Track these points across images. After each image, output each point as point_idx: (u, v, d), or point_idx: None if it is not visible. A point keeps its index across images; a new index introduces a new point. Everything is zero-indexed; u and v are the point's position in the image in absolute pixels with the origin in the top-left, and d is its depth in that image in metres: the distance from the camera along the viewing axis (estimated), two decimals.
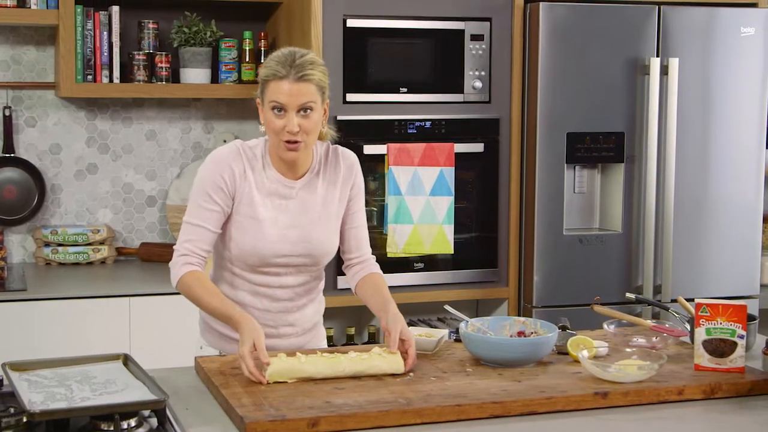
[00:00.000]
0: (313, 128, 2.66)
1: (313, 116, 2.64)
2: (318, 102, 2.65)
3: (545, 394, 2.38)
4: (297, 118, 2.62)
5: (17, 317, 3.76)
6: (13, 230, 4.39)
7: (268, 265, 2.75)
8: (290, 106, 2.61)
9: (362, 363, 2.53)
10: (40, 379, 2.39)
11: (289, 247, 2.74)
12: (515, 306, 4.32)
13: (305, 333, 2.88)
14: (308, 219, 2.76)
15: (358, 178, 2.86)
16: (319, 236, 2.77)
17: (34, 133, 4.38)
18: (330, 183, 2.80)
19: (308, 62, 2.63)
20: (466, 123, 4.19)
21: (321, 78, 2.65)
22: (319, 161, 2.80)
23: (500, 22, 4.20)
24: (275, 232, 2.72)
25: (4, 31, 4.30)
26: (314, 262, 2.80)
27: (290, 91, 2.60)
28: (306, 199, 2.77)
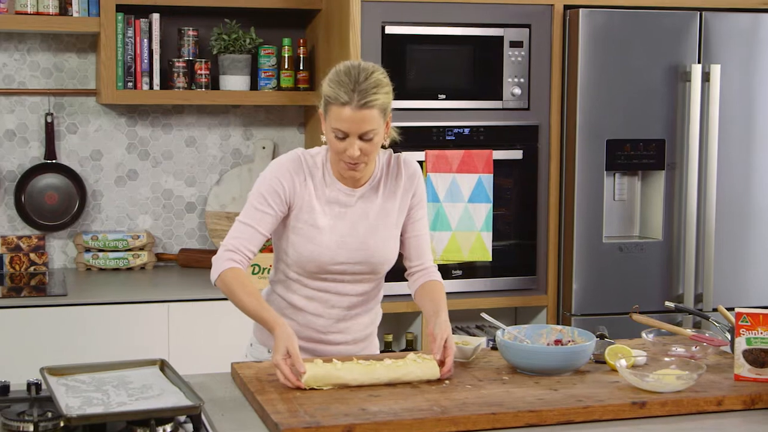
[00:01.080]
0: (374, 150, 2.66)
1: (375, 140, 2.63)
2: (378, 125, 2.62)
3: (582, 403, 2.36)
4: (359, 142, 2.61)
5: (58, 322, 3.79)
6: (55, 236, 4.43)
7: (326, 272, 2.75)
8: (352, 133, 2.60)
9: (398, 370, 2.52)
10: (78, 383, 2.40)
11: (346, 255, 2.74)
12: (554, 314, 4.30)
13: (356, 343, 2.87)
14: (367, 227, 2.76)
15: (420, 188, 2.84)
16: (377, 244, 2.76)
17: (75, 139, 4.42)
18: (390, 192, 2.79)
19: (372, 86, 2.59)
20: (504, 130, 4.17)
21: (384, 101, 2.62)
22: (381, 170, 2.80)
23: (539, 29, 4.18)
24: (334, 240, 2.73)
25: (47, 38, 4.35)
26: (372, 270, 2.79)
27: (352, 118, 2.58)
28: (365, 208, 2.77)
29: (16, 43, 4.33)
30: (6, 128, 4.35)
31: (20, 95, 4.35)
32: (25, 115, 4.36)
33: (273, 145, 4.58)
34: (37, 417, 2.19)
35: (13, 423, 2.18)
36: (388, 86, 2.66)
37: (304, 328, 2.79)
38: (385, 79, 2.66)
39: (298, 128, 4.65)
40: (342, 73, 2.63)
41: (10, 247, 4.32)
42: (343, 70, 2.63)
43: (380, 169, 2.80)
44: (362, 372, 2.50)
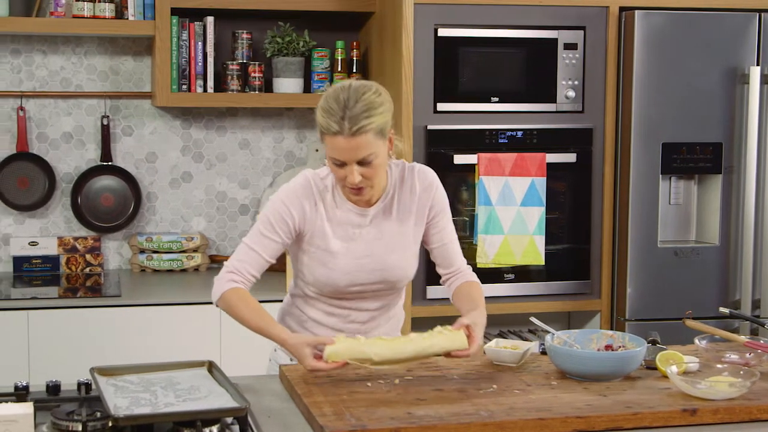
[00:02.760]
0: (377, 173, 2.59)
1: (375, 162, 2.56)
2: (377, 148, 2.55)
3: (632, 409, 2.33)
4: (358, 168, 2.55)
5: (111, 322, 3.83)
6: (110, 237, 4.48)
7: (344, 293, 2.73)
8: (349, 161, 2.54)
9: (422, 342, 2.49)
10: (127, 384, 2.42)
11: (364, 276, 2.71)
12: (608, 319, 4.25)
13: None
14: (383, 246, 2.72)
15: (438, 197, 2.78)
16: (395, 263, 2.73)
17: (130, 141, 4.46)
18: (405, 208, 2.74)
19: (362, 111, 2.51)
20: (558, 133, 4.14)
21: (379, 122, 2.53)
22: (394, 185, 2.74)
23: (594, 31, 4.14)
24: (349, 263, 2.69)
25: (103, 42, 4.40)
26: (391, 287, 2.77)
27: (346, 147, 2.51)
28: (380, 227, 2.72)
29: (73, 46, 4.38)
30: (63, 131, 4.40)
31: (77, 98, 4.40)
32: (82, 118, 4.41)
33: None
34: (85, 417, 2.21)
35: (62, 422, 2.21)
36: (384, 105, 2.57)
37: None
38: (379, 98, 2.56)
39: None
40: (331, 99, 2.54)
41: (66, 248, 4.38)
42: (332, 96, 2.55)
43: (393, 185, 2.73)
44: (385, 346, 2.48)
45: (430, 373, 2.62)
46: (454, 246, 2.84)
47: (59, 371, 3.06)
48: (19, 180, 4.34)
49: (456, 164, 4.03)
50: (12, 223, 4.38)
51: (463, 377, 2.59)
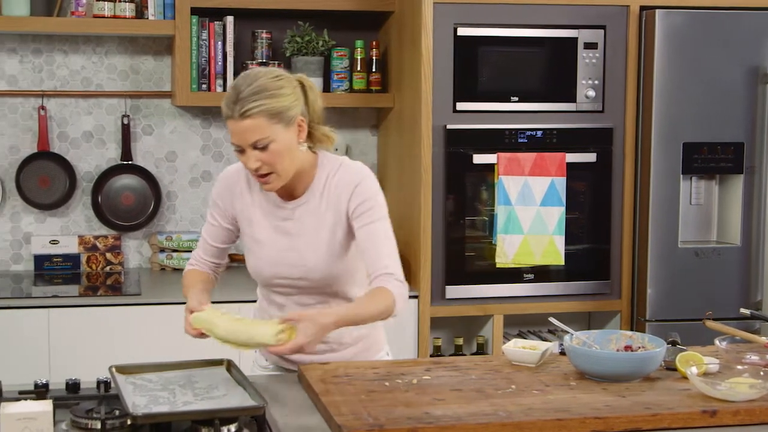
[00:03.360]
0: (278, 159, 2.53)
1: (272, 148, 2.51)
2: (275, 131, 2.50)
3: (651, 410, 2.32)
4: (255, 153, 2.52)
5: (131, 321, 3.84)
6: (130, 236, 4.49)
7: (273, 285, 2.73)
8: (243, 145, 2.52)
9: (250, 329, 2.45)
10: (145, 382, 2.43)
11: (287, 270, 2.68)
12: (628, 319, 4.23)
13: (346, 348, 2.77)
14: (304, 242, 2.67)
15: (360, 195, 2.63)
16: (314, 261, 2.66)
17: (151, 140, 4.48)
18: (329, 205, 2.66)
19: (252, 93, 2.49)
20: (578, 132, 4.12)
21: (270, 106, 2.49)
22: (325, 181, 2.67)
23: (615, 30, 4.13)
24: (273, 254, 2.69)
25: (124, 41, 4.41)
26: (318, 285, 2.69)
27: (238, 130, 2.51)
28: (303, 221, 2.67)
29: (93, 46, 4.40)
30: (84, 130, 4.42)
31: (98, 97, 4.42)
32: (103, 117, 4.43)
33: (345, 147, 4.59)
34: (104, 415, 2.21)
35: (82, 420, 2.21)
36: (282, 89, 2.53)
37: None
38: (276, 82, 2.53)
39: (371, 130, 4.65)
40: (231, 86, 2.57)
41: (87, 246, 4.39)
42: (233, 83, 2.56)
43: (323, 180, 2.67)
44: (231, 326, 2.48)
45: (448, 373, 2.62)
46: (375, 248, 2.62)
47: (79, 369, 3.08)
48: (40, 179, 4.36)
49: (475, 164, 4.02)
50: (33, 222, 4.40)
51: (481, 377, 2.58)
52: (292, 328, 2.36)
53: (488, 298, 4.11)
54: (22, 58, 4.35)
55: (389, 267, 2.60)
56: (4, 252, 4.39)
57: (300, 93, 2.59)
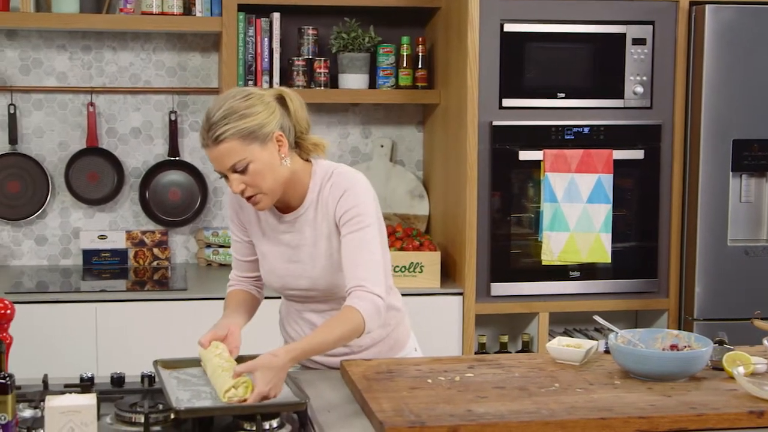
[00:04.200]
0: (260, 179, 2.47)
1: (251, 168, 2.46)
2: (249, 153, 2.45)
3: (696, 410, 2.29)
4: (236, 176, 2.47)
5: (177, 316, 3.86)
6: (177, 231, 4.52)
7: (286, 296, 2.75)
8: (223, 170, 2.48)
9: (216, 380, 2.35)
10: (189, 377, 2.45)
11: (293, 282, 2.67)
12: (675, 318, 4.19)
13: (364, 350, 2.74)
14: (305, 254, 2.64)
15: (346, 203, 2.56)
16: (316, 272, 2.63)
17: (197, 137, 4.48)
18: (323, 214, 2.61)
19: (221, 118, 2.44)
20: (625, 129, 4.09)
21: (241, 127, 2.43)
22: (318, 190, 2.61)
23: (664, 26, 4.09)
24: (278, 267, 2.68)
25: (172, 38, 4.44)
26: (326, 294, 2.66)
27: (214, 156, 2.47)
28: (303, 233, 2.64)
29: (142, 42, 4.43)
30: (132, 126, 4.46)
31: (146, 94, 4.46)
32: (150, 113, 4.46)
33: (391, 143, 4.59)
34: (147, 409, 2.23)
35: (125, 414, 2.23)
36: (252, 107, 2.46)
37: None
38: (245, 102, 2.47)
39: (417, 126, 4.64)
40: (205, 112, 2.51)
41: (134, 242, 4.43)
42: (207, 109, 2.51)
43: (316, 189, 2.61)
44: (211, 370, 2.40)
45: (491, 371, 2.60)
46: (351, 259, 2.53)
47: (125, 363, 3.09)
48: (89, 174, 4.41)
49: (521, 160, 4.00)
50: (82, 217, 4.45)
51: (524, 375, 2.57)
52: (247, 382, 2.27)
53: (534, 295, 4.08)
54: (72, 55, 4.39)
55: (364, 279, 2.50)
56: (53, 247, 4.44)
57: (276, 107, 2.52)
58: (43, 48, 4.37)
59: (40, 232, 4.42)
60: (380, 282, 2.52)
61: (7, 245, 4.41)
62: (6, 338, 2.06)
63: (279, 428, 2.21)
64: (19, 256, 4.42)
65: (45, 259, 4.43)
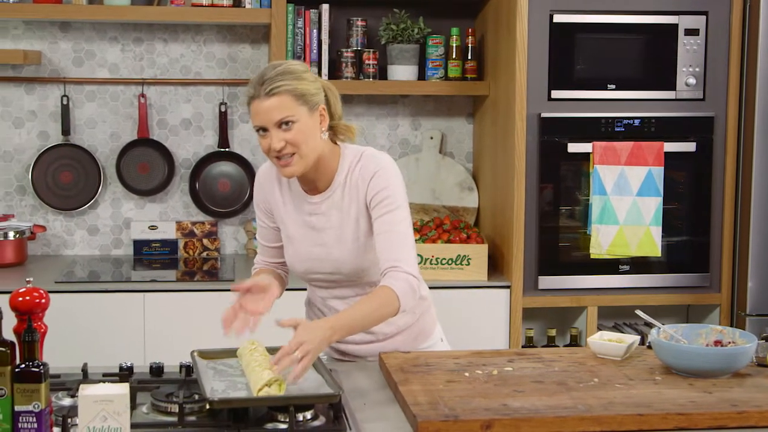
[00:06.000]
0: (303, 139, 2.51)
1: (296, 127, 2.50)
2: (299, 111, 2.50)
3: (737, 408, 2.25)
4: (279, 133, 2.50)
5: (223, 306, 3.84)
6: (227, 222, 4.54)
7: (310, 280, 2.75)
8: (268, 124, 2.51)
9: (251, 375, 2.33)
10: (226, 368, 2.46)
11: (317, 265, 2.68)
12: (727, 313, 4.12)
13: (389, 338, 2.75)
14: (330, 237, 2.66)
15: (378, 184, 2.60)
16: (343, 255, 2.65)
17: (247, 128, 4.52)
18: (351, 198, 2.64)
19: (278, 74, 2.51)
20: (677, 121, 4.02)
21: (295, 86, 2.50)
22: (347, 172, 2.64)
23: (717, 15, 4.01)
24: (303, 251, 2.69)
25: (222, 30, 4.46)
26: (350, 278, 2.68)
27: (263, 109, 2.50)
28: (330, 215, 2.66)
29: (193, 34, 4.46)
30: (183, 117, 4.49)
31: (196, 85, 4.48)
32: (201, 105, 4.49)
33: (441, 135, 4.57)
34: (182, 399, 2.24)
35: (161, 403, 2.25)
36: (305, 74, 2.55)
37: None
38: (301, 68, 2.56)
39: (467, 118, 4.61)
40: (256, 74, 2.57)
41: (184, 232, 4.46)
42: (258, 71, 2.57)
43: (345, 172, 2.64)
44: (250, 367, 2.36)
45: (531, 365, 2.58)
46: (389, 239, 2.56)
47: (172, 353, 3.11)
48: (140, 165, 4.44)
49: (570, 153, 3.96)
50: (133, 208, 4.49)
51: (564, 370, 2.54)
52: (280, 380, 2.27)
53: (582, 289, 4.04)
54: (124, 47, 4.43)
55: (398, 260, 2.54)
56: (105, 237, 4.48)
57: (321, 87, 2.60)
58: (95, 40, 4.42)
59: (92, 222, 4.47)
60: (414, 262, 2.56)
61: (60, 235, 4.46)
62: (40, 327, 2.08)
63: (313, 420, 2.21)
64: (72, 246, 4.47)
65: (97, 249, 4.49)
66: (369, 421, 2.25)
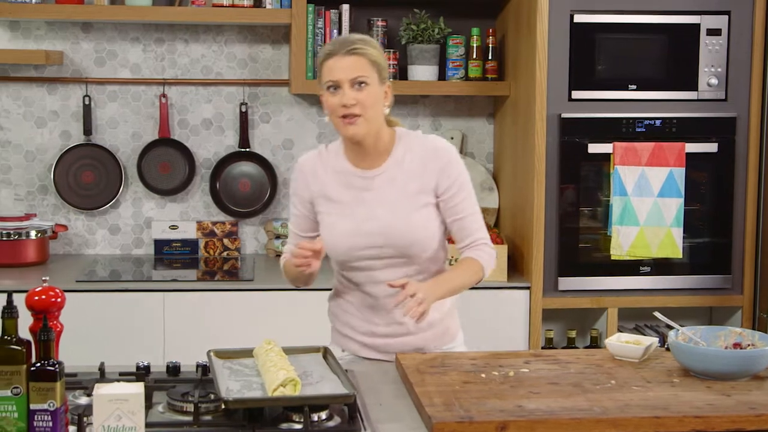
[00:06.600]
0: (372, 103, 2.64)
1: (368, 90, 2.64)
2: (372, 77, 2.65)
3: (755, 411, 2.23)
4: (352, 92, 2.62)
5: (242, 306, 3.89)
6: (247, 222, 4.55)
7: (352, 260, 2.74)
8: (343, 80, 2.63)
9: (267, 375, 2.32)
10: (242, 367, 2.46)
11: (366, 240, 2.70)
12: (749, 315, 4.09)
13: (421, 332, 2.76)
14: (387, 210, 2.71)
15: (451, 173, 2.73)
16: (400, 227, 2.69)
17: (268, 128, 4.53)
18: (412, 174, 2.73)
19: (360, 40, 2.68)
20: (699, 122, 4.00)
21: (373, 53, 2.66)
22: (404, 151, 2.74)
23: (740, 15, 3.99)
24: (351, 226, 2.72)
25: (243, 30, 4.47)
26: (401, 253, 2.71)
27: (341, 65, 2.63)
28: (383, 191, 2.73)
29: (214, 35, 4.47)
30: (203, 117, 4.50)
31: (217, 85, 4.49)
32: (222, 105, 4.50)
33: (461, 135, 4.56)
34: (198, 398, 2.25)
35: (177, 403, 2.25)
36: (380, 48, 2.72)
37: (362, 323, 2.80)
38: (377, 43, 2.73)
39: (487, 118, 4.60)
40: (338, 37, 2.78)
41: (205, 232, 4.47)
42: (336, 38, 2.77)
43: (402, 151, 2.74)
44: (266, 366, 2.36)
45: (547, 366, 2.57)
46: (471, 219, 2.77)
47: (191, 352, 3.12)
48: (161, 165, 4.46)
49: (590, 153, 3.95)
50: (154, 207, 4.51)
51: (581, 371, 2.53)
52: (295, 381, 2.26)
53: (602, 290, 4.02)
54: (145, 47, 4.45)
55: (482, 237, 2.77)
56: (126, 236, 4.50)
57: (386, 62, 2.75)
58: (117, 40, 4.43)
59: (113, 221, 4.49)
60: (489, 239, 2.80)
61: (81, 234, 4.48)
62: (56, 326, 2.09)
63: (327, 420, 2.21)
64: (93, 245, 4.49)
65: (118, 249, 4.50)
66: (384, 422, 2.25)
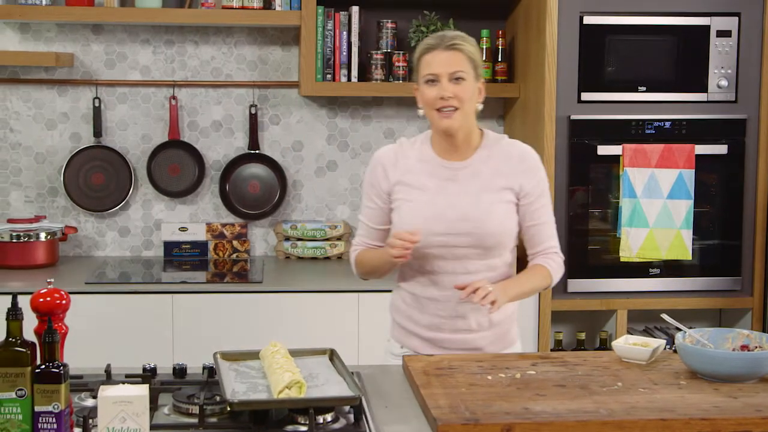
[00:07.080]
0: (468, 97, 2.73)
1: (465, 85, 2.72)
2: (469, 73, 2.73)
3: (762, 413, 2.22)
4: (450, 85, 2.71)
5: (252, 308, 3.89)
6: (257, 224, 4.56)
7: (428, 245, 2.74)
8: (442, 74, 2.71)
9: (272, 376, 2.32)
10: (248, 369, 2.46)
11: (445, 225, 2.74)
12: (760, 317, 4.08)
13: (483, 331, 2.81)
14: (469, 201, 2.77)
15: (536, 176, 2.83)
16: (480, 216, 2.75)
17: (277, 130, 4.53)
18: (498, 171, 2.80)
19: (458, 36, 2.76)
20: (709, 123, 3.99)
21: (471, 50, 2.75)
22: (490, 149, 2.82)
23: (750, 17, 3.98)
24: (431, 211, 2.76)
25: (253, 32, 4.47)
26: (477, 242, 2.75)
27: (440, 59, 2.72)
28: (467, 183, 2.79)
29: (224, 36, 4.47)
30: (213, 119, 4.50)
31: (227, 87, 4.50)
32: (231, 107, 4.50)
33: None
34: (203, 400, 2.25)
35: (182, 405, 2.26)
36: (477, 46, 2.80)
37: (425, 316, 2.82)
38: (474, 40, 2.81)
39: (497, 120, 4.60)
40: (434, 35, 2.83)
41: (214, 234, 4.48)
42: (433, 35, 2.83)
43: (489, 147, 2.82)
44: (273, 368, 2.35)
45: (554, 368, 2.57)
46: (546, 227, 2.85)
47: (200, 353, 3.13)
48: (170, 167, 4.47)
49: (600, 155, 3.94)
50: (164, 209, 4.51)
51: (587, 374, 2.52)
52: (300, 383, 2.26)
53: (612, 292, 4.01)
54: (155, 49, 4.46)
55: (554, 246, 2.87)
56: (136, 238, 4.51)
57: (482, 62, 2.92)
58: (127, 42, 4.45)
59: (123, 223, 4.50)
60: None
61: (91, 236, 4.50)
62: (61, 328, 2.09)
63: (333, 422, 2.21)
64: (103, 247, 4.50)
65: (128, 250, 4.51)
66: (390, 424, 2.24)
